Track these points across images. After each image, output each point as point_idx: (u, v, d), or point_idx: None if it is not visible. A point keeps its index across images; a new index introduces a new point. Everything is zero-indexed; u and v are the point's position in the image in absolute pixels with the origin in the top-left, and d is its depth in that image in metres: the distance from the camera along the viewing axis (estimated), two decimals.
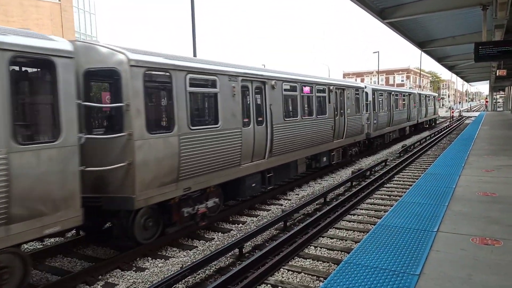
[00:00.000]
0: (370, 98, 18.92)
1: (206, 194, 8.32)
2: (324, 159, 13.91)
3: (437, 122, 42.49)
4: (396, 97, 23.68)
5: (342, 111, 14.87)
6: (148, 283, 6.02)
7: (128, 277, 6.32)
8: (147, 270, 6.56)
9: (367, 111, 18.45)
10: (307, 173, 13.93)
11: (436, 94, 42.92)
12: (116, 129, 6.46)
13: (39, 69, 5.74)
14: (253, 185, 9.83)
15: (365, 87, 18.35)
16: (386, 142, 22.38)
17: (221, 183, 8.58)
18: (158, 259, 7.06)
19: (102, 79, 7.53)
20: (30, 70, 5.67)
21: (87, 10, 46.89)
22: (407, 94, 27.07)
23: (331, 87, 13.90)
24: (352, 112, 15.77)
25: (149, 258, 7.10)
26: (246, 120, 9.47)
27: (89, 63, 6.43)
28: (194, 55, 14.97)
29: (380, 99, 20.59)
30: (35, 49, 5.12)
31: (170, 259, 7.05)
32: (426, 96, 33.78)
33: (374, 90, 19.62)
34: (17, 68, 5.30)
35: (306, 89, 12.33)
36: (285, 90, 11.05)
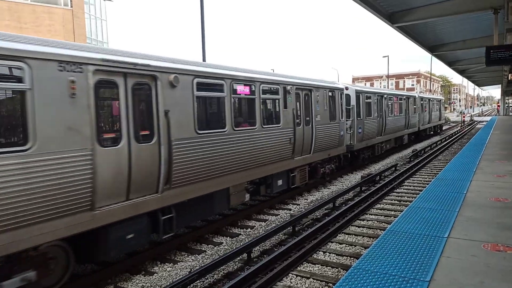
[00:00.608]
0: (353, 102, 15.69)
1: None
2: (280, 182, 10.62)
3: (443, 128, 39.75)
4: (390, 100, 20.28)
5: (308, 119, 11.68)
6: (157, 287, 6.04)
7: (137, 281, 6.35)
8: (155, 274, 6.58)
9: (348, 118, 15.35)
10: (314, 180, 13.58)
11: (442, 98, 38.19)
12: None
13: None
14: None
15: (346, 88, 15.07)
16: (376, 155, 18.92)
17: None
18: (166, 263, 7.08)
19: None
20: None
21: (98, 16, 47.54)
22: (404, 97, 23.21)
23: (288, 87, 10.60)
24: (324, 119, 12.58)
25: (158, 262, 7.12)
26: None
27: None
28: (204, 58, 15.07)
29: (368, 103, 17.15)
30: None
31: (178, 263, 7.07)
32: (429, 100, 30.61)
33: (358, 92, 16.13)
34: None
35: (242, 89, 9.08)
36: (199, 90, 7.63)
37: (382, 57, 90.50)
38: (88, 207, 5.48)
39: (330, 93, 13.11)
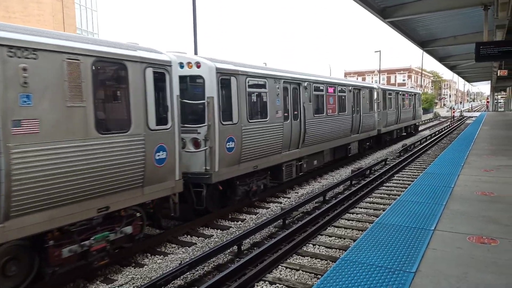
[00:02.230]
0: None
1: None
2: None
3: (419, 129, 32.41)
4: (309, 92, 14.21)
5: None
6: (147, 279, 6.06)
7: (127, 273, 6.36)
8: (146, 266, 6.60)
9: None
10: (307, 172, 13.88)
11: (418, 92, 31.25)
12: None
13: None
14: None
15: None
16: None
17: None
18: (157, 255, 7.10)
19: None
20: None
21: (88, 7, 46.90)
22: (351, 88, 16.19)
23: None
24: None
25: (148, 254, 7.14)
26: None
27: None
28: (195, 52, 14.98)
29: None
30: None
31: (169, 255, 7.09)
32: (398, 93, 23.91)
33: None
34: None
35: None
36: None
37: (374, 52, 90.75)
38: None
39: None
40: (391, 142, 23.65)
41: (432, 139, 25.44)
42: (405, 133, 27.18)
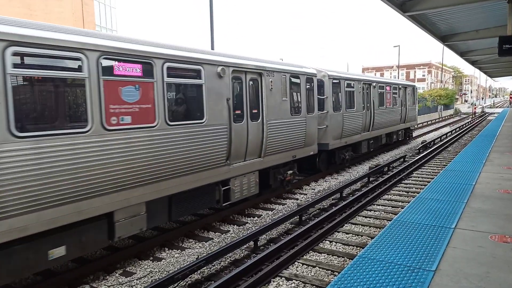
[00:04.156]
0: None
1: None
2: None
3: (413, 135, 24.96)
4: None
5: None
6: (165, 272, 6.14)
7: (146, 266, 6.46)
8: (163, 260, 6.69)
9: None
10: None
11: (413, 84, 23.55)
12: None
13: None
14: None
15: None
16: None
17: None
18: (174, 250, 7.19)
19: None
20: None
21: (107, 3, 47.53)
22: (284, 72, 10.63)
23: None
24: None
25: (166, 249, 7.23)
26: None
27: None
28: (212, 47, 15.03)
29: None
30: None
31: (186, 250, 7.17)
32: (380, 85, 17.35)
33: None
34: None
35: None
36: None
37: (393, 47, 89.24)
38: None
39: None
40: (397, 144, 20.44)
41: (453, 135, 24.90)
42: (388, 142, 19.38)
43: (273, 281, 5.75)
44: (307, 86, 11.35)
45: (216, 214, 8.90)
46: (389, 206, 9.63)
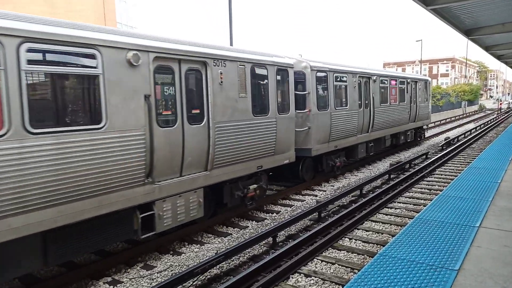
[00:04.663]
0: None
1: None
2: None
3: (425, 135, 22.32)
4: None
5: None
6: (185, 266, 6.22)
7: (166, 260, 6.56)
8: (183, 255, 6.77)
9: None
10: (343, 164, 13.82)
11: (426, 78, 20.98)
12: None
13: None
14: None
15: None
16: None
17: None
18: (194, 244, 7.26)
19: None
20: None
21: (128, 0, 48.22)
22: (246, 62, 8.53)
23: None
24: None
25: (186, 243, 7.31)
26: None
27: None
28: (231, 43, 15.05)
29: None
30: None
31: (205, 244, 7.23)
32: (370, 78, 13.92)
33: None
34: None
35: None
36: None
37: (416, 41, 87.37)
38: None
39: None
40: (405, 145, 18.47)
41: (477, 132, 24.25)
42: (395, 144, 17.27)
43: (292, 277, 5.74)
44: (279, 80, 9.19)
45: (234, 211, 8.95)
46: (410, 204, 9.46)
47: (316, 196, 10.56)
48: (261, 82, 8.75)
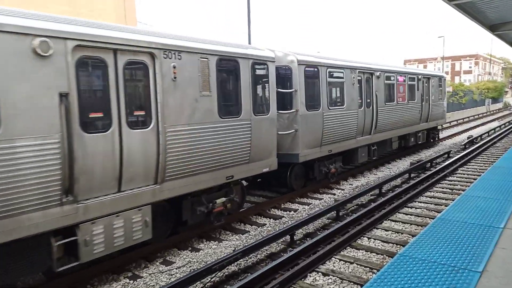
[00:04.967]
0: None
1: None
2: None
3: (439, 136, 20.43)
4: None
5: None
6: (203, 263, 6.27)
7: (184, 256, 6.63)
8: (201, 251, 6.83)
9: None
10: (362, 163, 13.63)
11: (440, 74, 19.45)
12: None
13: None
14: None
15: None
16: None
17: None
18: (212, 241, 7.31)
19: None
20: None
21: None
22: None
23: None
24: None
25: (204, 240, 7.37)
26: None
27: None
28: (249, 41, 15.05)
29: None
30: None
31: (223, 241, 7.28)
32: (372, 74, 12.52)
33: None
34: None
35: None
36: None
37: (438, 38, 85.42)
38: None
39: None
40: (416, 148, 17.07)
41: (501, 131, 23.57)
42: (404, 146, 15.83)
43: (310, 276, 5.72)
44: (256, 75, 8.00)
45: (252, 208, 8.97)
46: (431, 204, 9.28)
47: (334, 194, 10.48)
48: (231, 78, 7.59)
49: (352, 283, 5.49)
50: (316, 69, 9.91)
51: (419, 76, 16.22)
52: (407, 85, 15.00)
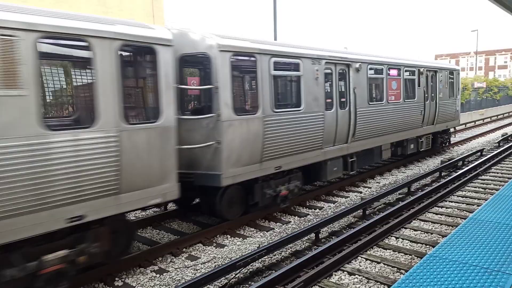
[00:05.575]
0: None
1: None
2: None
3: (451, 140, 16.90)
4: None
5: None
6: (227, 259, 6.31)
7: (209, 252, 6.69)
8: (226, 247, 6.87)
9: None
10: (389, 160, 13.33)
11: (453, 68, 16.29)
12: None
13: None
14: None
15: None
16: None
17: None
18: (236, 238, 7.34)
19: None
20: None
21: None
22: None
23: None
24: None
25: (228, 236, 7.41)
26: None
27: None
28: (275, 38, 14.98)
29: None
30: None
31: (247, 238, 7.29)
32: (348, 66, 9.81)
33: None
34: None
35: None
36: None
37: (471, 32, 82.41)
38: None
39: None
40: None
41: None
42: (402, 154, 13.12)
43: (335, 275, 5.64)
44: (130, 64, 6.02)
45: (276, 205, 8.93)
46: (463, 203, 8.96)
47: (361, 192, 10.30)
48: (74, 69, 5.66)
49: (379, 283, 5.37)
50: (252, 58, 7.38)
51: (421, 69, 13.12)
52: (402, 80, 12.17)
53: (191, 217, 8.37)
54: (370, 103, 10.62)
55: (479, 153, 14.92)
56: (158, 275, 5.89)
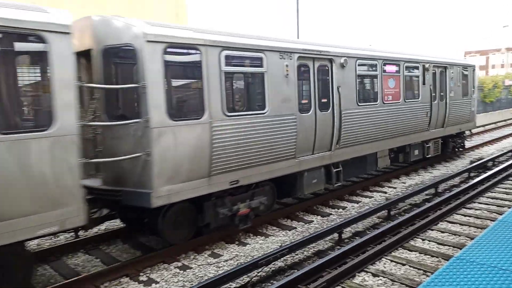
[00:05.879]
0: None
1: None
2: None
3: (465, 145, 15.33)
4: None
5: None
6: (249, 257, 6.33)
7: (232, 249, 6.74)
8: (248, 245, 6.90)
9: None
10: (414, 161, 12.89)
11: (468, 63, 14.45)
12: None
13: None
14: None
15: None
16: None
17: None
18: (258, 236, 7.36)
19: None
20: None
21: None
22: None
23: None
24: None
25: (251, 234, 7.44)
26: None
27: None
28: (298, 36, 14.90)
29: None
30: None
31: (270, 237, 7.30)
32: (356, 61, 9.06)
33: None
34: None
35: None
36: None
37: (502, 27, 79.38)
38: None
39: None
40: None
41: None
42: (404, 161, 11.74)
43: (358, 276, 5.57)
44: (1, 57, 4.57)
45: (299, 204, 8.90)
46: (493, 205, 8.66)
47: (385, 193, 10.12)
48: None
49: (403, 285, 5.27)
50: (196, 52, 6.12)
51: (426, 65, 11.50)
52: (402, 77, 10.65)
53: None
54: (360, 104, 9.21)
55: (510, 153, 14.38)
56: (181, 271, 5.98)
